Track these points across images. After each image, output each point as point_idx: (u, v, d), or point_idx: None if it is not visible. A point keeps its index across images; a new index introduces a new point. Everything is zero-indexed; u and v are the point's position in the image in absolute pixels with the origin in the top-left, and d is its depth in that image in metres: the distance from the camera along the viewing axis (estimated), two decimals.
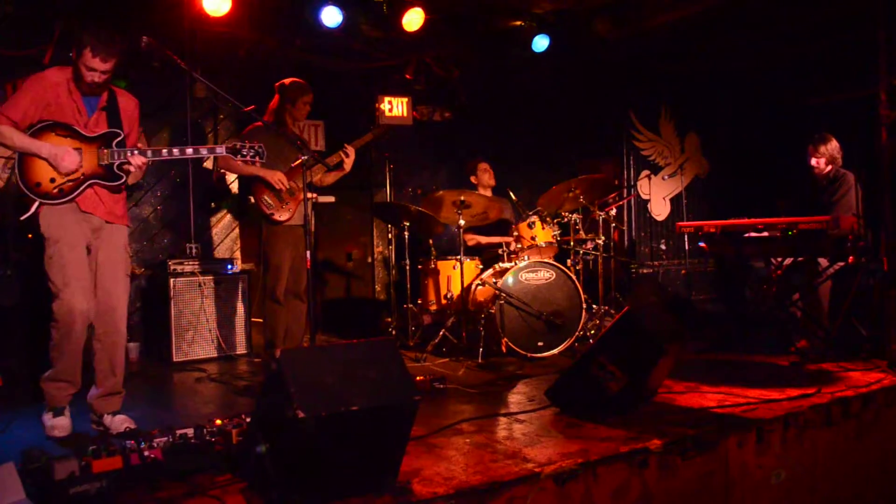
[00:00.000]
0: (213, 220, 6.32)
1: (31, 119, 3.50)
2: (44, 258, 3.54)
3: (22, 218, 3.52)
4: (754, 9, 6.25)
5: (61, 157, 3.48)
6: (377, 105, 7.03)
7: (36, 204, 3.50)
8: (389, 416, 2.48)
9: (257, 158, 3.83)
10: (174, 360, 5.42)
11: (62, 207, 3.55)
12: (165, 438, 2.89)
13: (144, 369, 5.39)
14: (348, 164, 4.97)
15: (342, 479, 2.47)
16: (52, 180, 3.51)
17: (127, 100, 3.78)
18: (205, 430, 2.97)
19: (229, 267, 5.83)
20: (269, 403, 2.49)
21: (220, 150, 3.79)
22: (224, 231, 6.35)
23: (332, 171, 5.00)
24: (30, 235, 3.56)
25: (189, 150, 3.73)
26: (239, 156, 3.78)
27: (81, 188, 3.57)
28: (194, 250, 5.83)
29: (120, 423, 3.66)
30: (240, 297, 5.77)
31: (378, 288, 7.30)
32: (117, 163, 3.60)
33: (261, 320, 5.37)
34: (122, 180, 3.66)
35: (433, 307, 5.81)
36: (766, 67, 7.56)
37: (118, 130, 3.65)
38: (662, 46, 7.19)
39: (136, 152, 3.60)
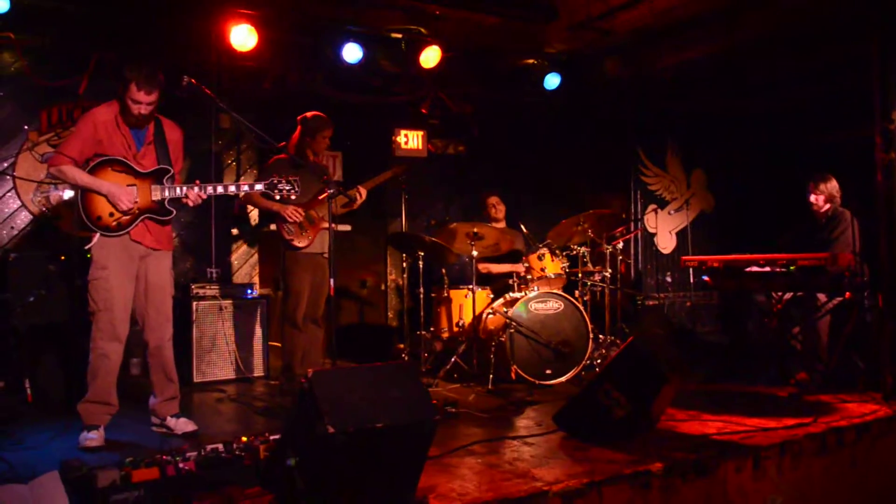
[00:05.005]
0: (233, 246, 6.54)
1: (87, 155, 3.81)
2: (88, 278, 3.82)
3: (86, 247, 3.82)
4: (757, 54, 6.48)
5: (119, 197, 3.77)
6: (393, 138, 7.28)
7: (97, 236, 3.80)
8: (411, 434, 2.68)
9: (291, 194, 4.08)
10: (194, 381, 5.58)
11: (116, 238, 3.83)
12: (197, 452, 3.08)
13: None
14: (359, 203, 5.22)
15: (365, 491, 2.66)
16: (111, 214, 3.80)
17: (172, 129, 4.05)
18: (233, 445, 3.16)
19: (249, 292, 6.02)
20: (299, 419, 2.67)
21: (259, 186, 4.07)
22: (243, 257, 6.58)
23: (343, 206, 5.25)
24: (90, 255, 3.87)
25: (231, 188, 4.10)
26: (276, 191, 4.03)
27: (137, 221, 3.86)
28: (214, 275, 6.04)
29: (184, 424, 4.03)
30: (258, 321, 5.95)
31: (391, 315, 7.48)
32: (169, 198, 3.88)
33: (278, 344, 5.55)
34: (173, 214, 3.95)
35: (445, 334, 5.98)
36: (770, 107, 7.78)
37: (168, 167, 3.92)
38: (670, 86, 7.41)
39: (189, 188, 3.87)
